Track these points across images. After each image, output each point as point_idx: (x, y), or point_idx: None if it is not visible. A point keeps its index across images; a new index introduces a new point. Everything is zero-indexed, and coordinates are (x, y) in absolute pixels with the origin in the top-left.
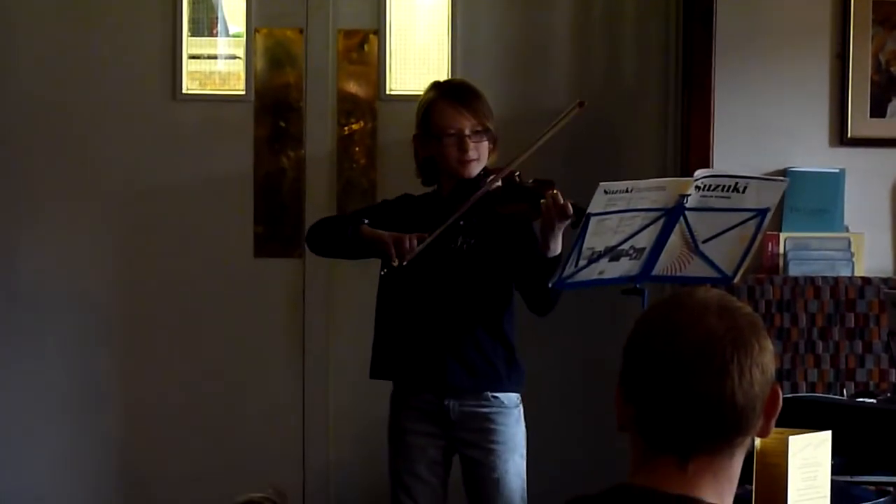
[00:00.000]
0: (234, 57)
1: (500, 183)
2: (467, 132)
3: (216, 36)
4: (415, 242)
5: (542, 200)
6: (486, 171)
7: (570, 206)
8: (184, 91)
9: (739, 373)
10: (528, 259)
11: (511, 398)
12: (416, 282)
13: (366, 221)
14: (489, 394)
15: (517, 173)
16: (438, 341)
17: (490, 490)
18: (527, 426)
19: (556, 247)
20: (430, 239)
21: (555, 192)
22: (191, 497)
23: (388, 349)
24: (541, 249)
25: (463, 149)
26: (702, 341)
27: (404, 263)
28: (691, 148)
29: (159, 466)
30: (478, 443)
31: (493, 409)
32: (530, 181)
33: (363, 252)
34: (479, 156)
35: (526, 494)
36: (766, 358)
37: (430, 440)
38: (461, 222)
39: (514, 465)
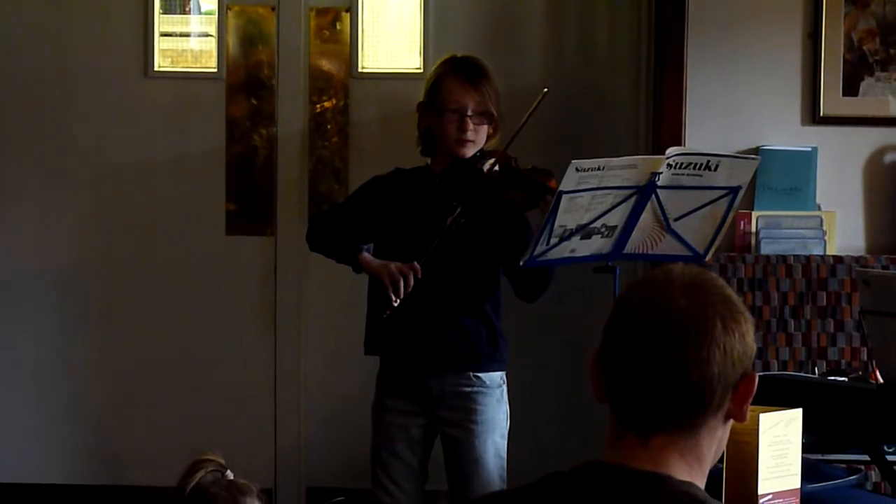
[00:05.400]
0: (206, 35)
1: (497, 168)
2: (469, 112)
3: (188, 13)
4: (410, 280)
5: (543, 197)
6: (481, 153)
7: None
8: (156, 69)
9: (695, 350)
10: (518, 244)
11: (493, 378)
12: (404, 259)
13: (364, 249)
14: (471, 373)
15: (515, 158)
16: (423, 318)
17: (469, 469)
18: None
19: None
20: (420, 265)
21: (554, 183)
22: (163, 474)
23: (378, 325)
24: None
25: (462, 128)
26: (662, 317)
27: (400, 300)
28: (663, 126)
29: (131, 444)
30: (458, 422)
31: (475, 389)
32: (528, 167)
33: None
34: (477, 139)
35: (505, 474)
36: (731, 339)
37: (411, 419)
38: (453, 202)
39: (494, 445)
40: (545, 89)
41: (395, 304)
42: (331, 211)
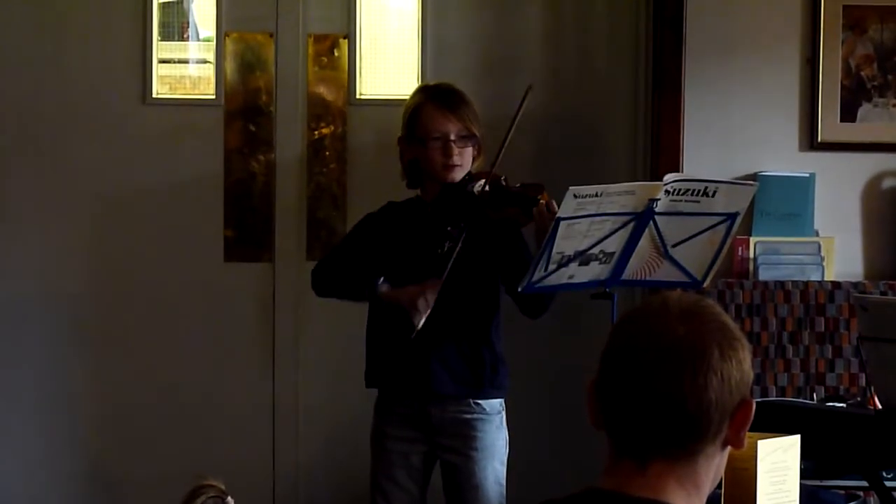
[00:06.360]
0: (204, 61)
1: (487, 188)
2: (452, 137)
3: (187, 40)
4: (429, 299)
5: (534, 207)
6: (469, 176)
7: None
8: (154, 95)
9: (692, 377)
10: (519, 263)
11: (493, 405)
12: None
13: (380, 281)
14: (471, 400)
15: (503, 177)
16: (424, 347)
17: (469, 496)
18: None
19: None
20: (440, 284)
21: (546, 196)
22: (162, 500)
23: (378, 356)
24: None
25: (447, 154)
26: (659, 344)
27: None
28: (661, 152)
29: (129, 469)
30: (458, 448)
31: (475, 416)
32: (518, 185)
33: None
34: (463, 162)
35: (505, 500)
36: (729, 366)
37: (411, 446)
38: (449, 227)
39: (494, 471)
40: (529, 85)
41: (419, 327)
42: (330, 256)
